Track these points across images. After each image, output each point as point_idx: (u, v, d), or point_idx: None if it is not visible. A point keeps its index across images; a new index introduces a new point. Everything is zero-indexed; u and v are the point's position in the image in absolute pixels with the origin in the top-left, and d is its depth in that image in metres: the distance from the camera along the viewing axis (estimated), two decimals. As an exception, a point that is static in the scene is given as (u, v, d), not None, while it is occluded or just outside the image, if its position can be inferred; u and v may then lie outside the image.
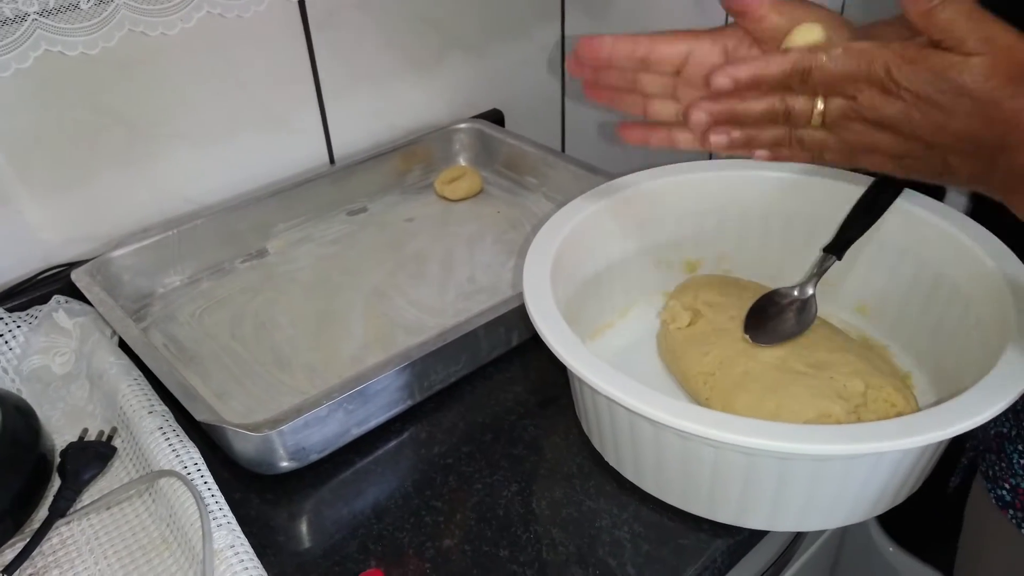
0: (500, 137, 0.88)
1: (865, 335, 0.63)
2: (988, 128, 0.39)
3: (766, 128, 0.45)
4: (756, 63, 0.43)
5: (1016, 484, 0.59)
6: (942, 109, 0.39)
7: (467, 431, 0.58)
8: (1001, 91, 0.38)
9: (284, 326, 0.68)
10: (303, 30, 0.76)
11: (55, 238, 0.69)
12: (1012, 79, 0.38)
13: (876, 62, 0.40)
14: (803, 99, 0.43)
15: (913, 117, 0.40)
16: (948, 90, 0.39)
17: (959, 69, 0.38)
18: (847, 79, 0.41)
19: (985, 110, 0.38)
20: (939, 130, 0.40)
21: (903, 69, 0.40)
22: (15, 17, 0.56)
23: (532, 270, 0.55)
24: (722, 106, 0.45)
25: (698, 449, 0.46)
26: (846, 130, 0.43)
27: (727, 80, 0.43)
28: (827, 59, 0.41)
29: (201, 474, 0.51)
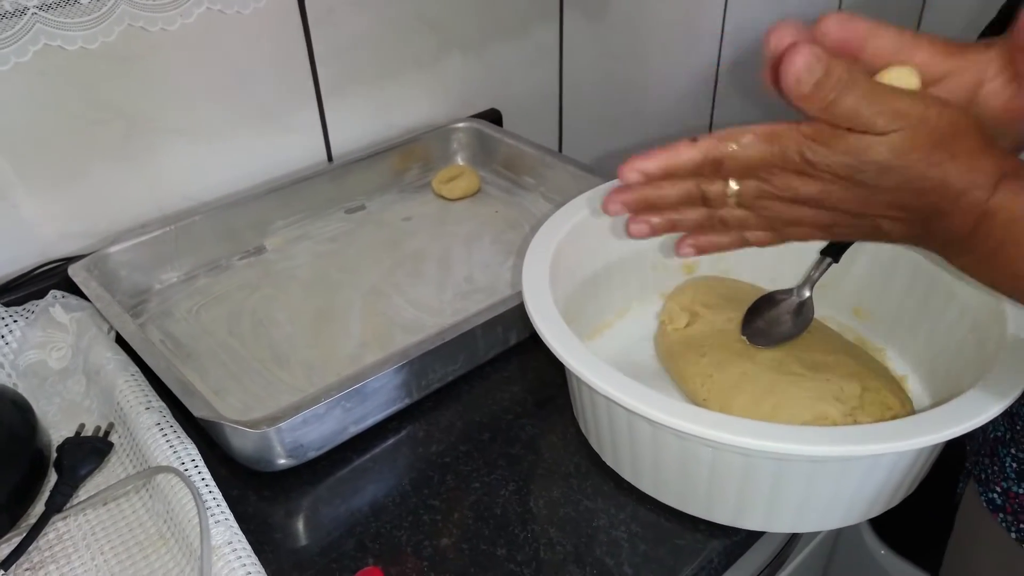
0: (498, 137, 0.88)
1: (861, 337, 0.64)
2: (918, 198, 0.38)
3: (685, 212, 0.44)
4: (665, 154, 0.42)
5: (1007, 488, 0.60)
6: (865, 186, 0.39)
7: (465, 430, 0.58)
8: (923, 162, 0.37)
9: (282, 323, 0.68)
10: (302, 27, 0.76)
11: (52, 233, 0.69)
12: (932, 147, 0.37)
13: (789, 147, 0.39)
14: (718, 183, 0.42)
15: (834, 194, 0.40)
16: (869, 169, 0.38)
17: (877, 149, 0.37)
18: (761, 165, 0.40)
19: (912, 183, 0.37)
20: (865, 203, 0.39)
21: (818, 152, 0.38)
22: (15, 11, 0.56)
23: (531, 270, 0.55)
24: (636, 195, 0.44)
25: (696, 449, 0.46)
26: (764, 208, 0.43)
27: (635, 174, 0.42)
28: (738, 147, 0.40)
29: (199, 470, 0.51)
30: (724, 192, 0.42)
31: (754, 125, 0.41)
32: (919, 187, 0.37)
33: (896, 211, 0.39)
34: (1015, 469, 0.59)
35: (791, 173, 0.40)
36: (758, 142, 0.40)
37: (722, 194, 0.42)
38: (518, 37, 0.96)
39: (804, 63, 0.36)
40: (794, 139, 0.39)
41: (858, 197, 0.39)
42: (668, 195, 0.44)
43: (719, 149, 0.41)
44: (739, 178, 0.42)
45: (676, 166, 0.42)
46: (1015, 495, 0.59)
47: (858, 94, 0.36)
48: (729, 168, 0.41)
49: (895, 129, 0.36)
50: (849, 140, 0.37)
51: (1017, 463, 0.59)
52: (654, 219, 0.45)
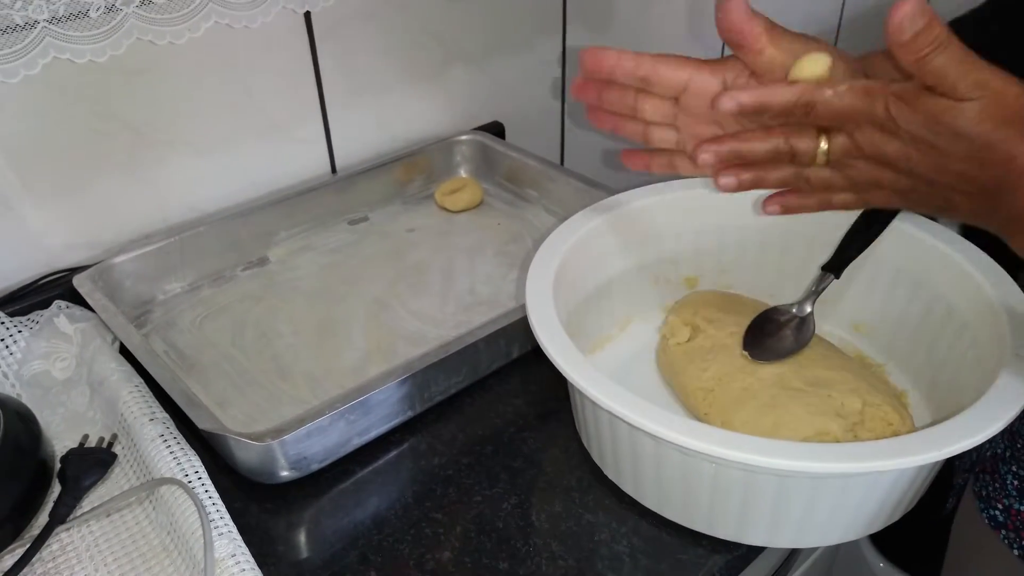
0: (501, 150, 0.88)
1: (861, 353, 0.64)
2: (984, 170, 0.39)
3: (772, 168, 0.46)
4: (762, 91, 0.43)
5: (1009, 505, 0.60)
6: (939, 151, 0.40)
7: (467, 443, 0.59)
8: (994, 134, 0.38)
9: (285, 335, 0.68)
10: (308, 41, 0.77)
11: (57, 243, 0.69)
12: (1004, 123, 0.38)
13: (877, 101, 0.41)
14: (807, 139, 0.44)
15: (912, 156, 0.41)
16: (943, 133, 0.39)
17: (952, 113, 0.39)
18: (849, 116, 0.42)
19: (980, 153, 0.39)
20: (938, 170, 0.41)
21: (901, 110, 0.40)
22: (25, 24, 0.56)
23: (535, 284, 0.55)
24: (727, 147, 0.45)
25: (698, 465, 0.46)
26: (850, 167, 0.44)
27: (732, 103, 0.43)
28: (832, 94, 0.42)
29: (202, 482, 0.51)
30: (813, 148, 0.44)
31: (848, 79, 0.43)
32: (987, 158, 0.39)
33: (965, 182, 0.41)
34: (1016, 487, 0.59)
35: (876, 129, 0.42)
36: (851, 93, 0.42)
37: (811, 150, 0.44)
38: (521, 50, 0.96)
39: (910, 11, 0.38)
40: (883, 95, 0.41)
41: (933, 162, 0.41)
42: (757, 149, 0.45)
43: (814, 93, 0.42)
44: (827, 131, 0.43)
45: (770, 103, 0.43)
46: (1017, 512, 0.59)
47: (949, 56, 0.38)
48: (819, 114, 0.43)
49: (974, 97, 0.38)
50: (928, 102, 0.39)
51: (1019, 480, 0.59)
52: (744, 174, 0.46)
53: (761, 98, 0.43)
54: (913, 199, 0.44)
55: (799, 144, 0.44)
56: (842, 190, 0.46)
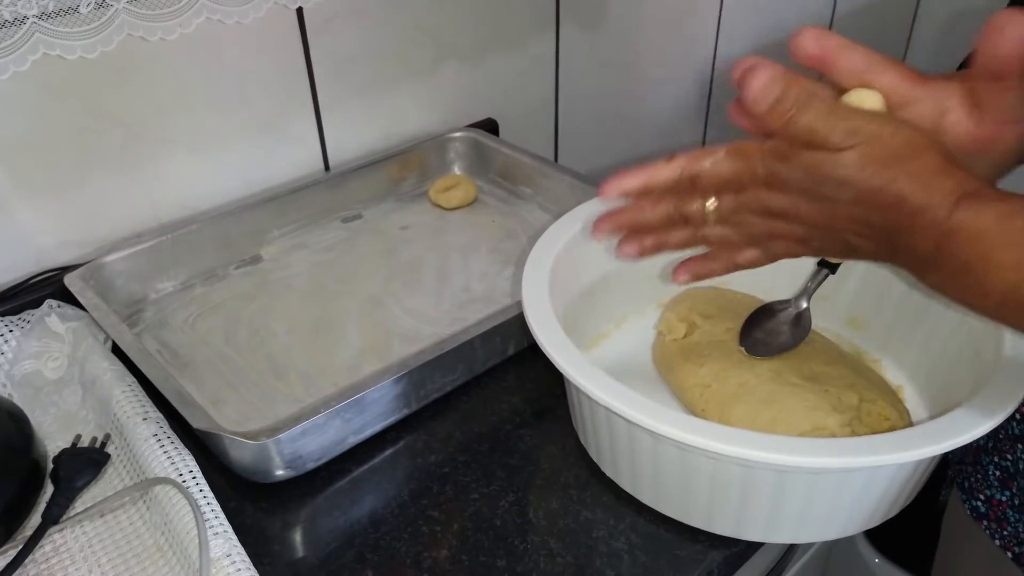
0: (495, 147, 0.88)
1: (857, 348, 0.64)
2: (877, 214, 0.39)
3: (670, 232, 0.47)
4: (644, 173, 0.45)
5: (991, 496, 0.60)
6: (827, 199, 0.40)
7: (463, 441, 0.58)
8: (877, 178, 0.38)
9: (279, 333, 0.67)
10: (301, 37, 0.76)
11: (49, 242, 0.68)
12: (886, 164, 0.38)
13: (756, 162, 0.42)
14: (695, 202, 0.45)
15: (800, 206, 0.41)
16: (826, 182, 0.39)
17: (831, 164, 0.39)
18: (733, 180, 0.43)
19: (868, 198, 0.39)
20: (830, 216, 0.41)
21: (780, 166, 0.41)
22: (14, 20, 0.55)
23: (530, 281, 0.55)
24: (621, 219, 0.47)
25: (696, 461, 0.46)
26: (743, 224, 0.45)
27: (616, 191, 0.45)
28: (711, 164, 0.43)
29: (196, 482, 0.50)
30: (702, 210, 0.45)
31: (724, 144, 0.43)
32: (876, 202, 0.39)
33: (860, 226, 0.40)
34: (998, 477, 0.60)
35: (761, 187, 0.42)
36: (728, 158, 0.43)
37: (700, 211, 0.45)
38: (515, 48, 0.96)
39: (763, 82, 0.39)
40: (759, 155, 0.42)
41: (823, 211, 0.41)
42: (650, 218, 0.46)
43: (693, 166, 0.44)
44: (715, 194, 0.44)
45: (654, 183, 0.45)
46: (998, 502, 0.60)
47: (814, 112, 0.39)
48: (705, 184, 0.44)
49: (850, 145, 0.38)
50: (806, 156, 0.40)
51: (1000, 471, 0.60)
52: (644, 241, 0.47)
53: (645, 180, 0.44)
54: (814, 246, 0.44)
55: (687, 208, 0.45)
56: (743, 246, 0.46)
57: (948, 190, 0.37)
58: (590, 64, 1.06)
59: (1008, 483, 0.59)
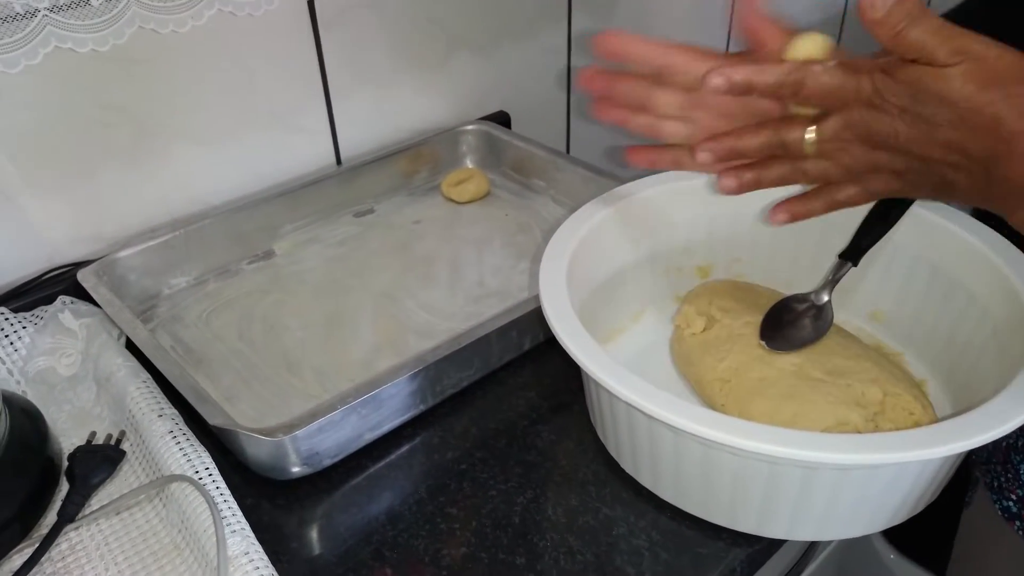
0: (507, 139, 0.87)
1: (879, 341, 0.63)
2: (973, 138, 0.39)
3: (770, 166, 0.47)
4: (751, 68, 0.44)
5: (1023, 496, 0.59)
6: (926, 120, 0.40)
7: (480, 436, 0.58)
8: (978, 97, 0.38)
9: (293, 328, 0.67)
10: (312, 29, 0.76)
11: (61, 237, 0.68)
12: (988, 85, 0.38)
13: (863, 76, 0.42)
14: (796, 129, 0.45)
15: (900, 130, 0.41)
16: (928, 101, 0.40)
17: (935, 80, 0.39)
18: (837, 93, 0.43)
19: (966, 118, 0.39)
20: (928, 142, 0.41)
21: (886, 82, 0.41)
22: (26, 13, 0.55)
23: (547, 275, 0.54)
24: (722, 144, 0.47)
25: (719, 457, 0.46)
26: (843, 153, 0.44)
27: (721, 79, 0.44)
28: (820, 70, 0.43)
29: (213, 479, 0.50)
30: (802, 139, 0.44)
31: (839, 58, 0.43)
32: (973, 123, 0.39)
33: (956, 155, 0.41)
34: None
35: (863, 107, 0.42)
36: (839, 69, 0.42)
37: (800, 141, 0.45)
38: (526, 38, 0.95)
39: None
40: (867, 69, 0.41)
41: (922, 135, 0.41)
42: (750, 143, 0.46)
43: (802, 70, 0.43)
44: (816, 107, 0.44)
45: (760, 81, 0.44)
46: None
47: (924, 27, 0.39)
48: (809, 92, 0.43)
49: (954, 63, 0.39)
50: (911, 70, 0.40)
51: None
52: (744, 174, 0.47)
53: (750, 75, 0.44)
54: (911, 180, 0.44)
55: (788, 135, 0.45)
56: (841, 182, 0.46)
57: None
58: (602, 55, 1.05)
59: None
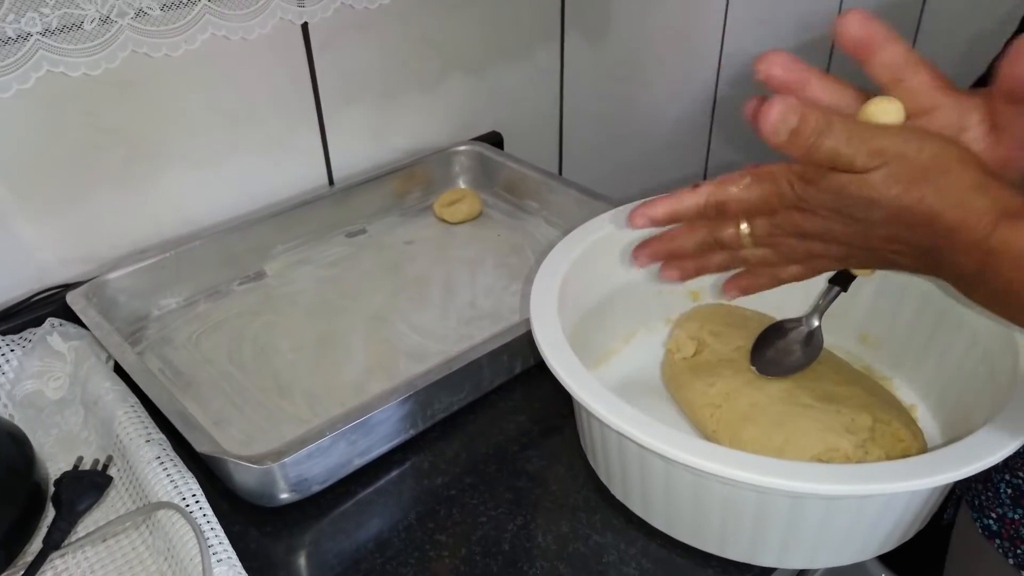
0: (500, 160, 0.87)
1: (868, 366, 0.63)
2: (913, 232, 0.38)
3: (710, 256, 0.47)
4: (669, 201, 0.44)
5: (1003, 514, 0.60)
6: (859, 221, 0.40)
7: (470, 461, 0.58)
8: (907, 197, 0.37)
9: (283, 350, 0.67)
10: (305, 52, 0.76)
11: (51, 258, 0.68)
12: (914, 183, 0.37)
13: (783, 186, 0.41)
14: (728, 227, 0.44)
15: (834, 228, 0.41)
16: (856, 205, 0.39)
17: (858, 186, 0.38)
18: (762, 204, 0.42)
19: (901, 216, 0.38)
20: (865, 237, 0.40)
21: (808, 191, 0.40)
22: (18, 37, 0.55)
23: (538, 301, 0.54)
24: (658, 247, 0.47)
25: (709, 486, 0.46)
26: (780, 245, 0.44)
27: (643, 219, 0.45)
28: (737, 189, 0.42)
29: (200, 506, 0.50)
30: (737, 235, 0.44)
31: (750, 167, 0.43)
32: (908, 221, 0.38)
33: (898, 244, 0.40)
34: (1010, 495, 0.59)
35: (792, 210, 0.42)
36: (754, 184, 0.42)
37: (735, 236, 0.44)
38: (519, 59, 0.95)
39: (778, 115, 0.38)
40: (786, 178, 0.41)
41: (858, 231, 0.40)
42: (686, 245, 0.46)
43: (719, 193, 0.43)
44: (746, 220, 0.44)
45: (680, 211, 0.44)
46: (1011, 521, 0.59)
47: (836, 136, 0.38)
48: (733, 210, 0.43)
49: (875, 166, 0.38)
50: (832, 179, 0.39)
51: (1012, 489, 0.59)
52: (685, 263, 0.48)
53: (670, 207, 0.44)
54: (855, 262, 0.44)
55: (722, 234, 0.45)
56: (785, 263, 0.46)
57: (984, 208, 0.36)
58: (595, 75, 1.06)
59: (1020, 501, 0.58)
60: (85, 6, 0.55)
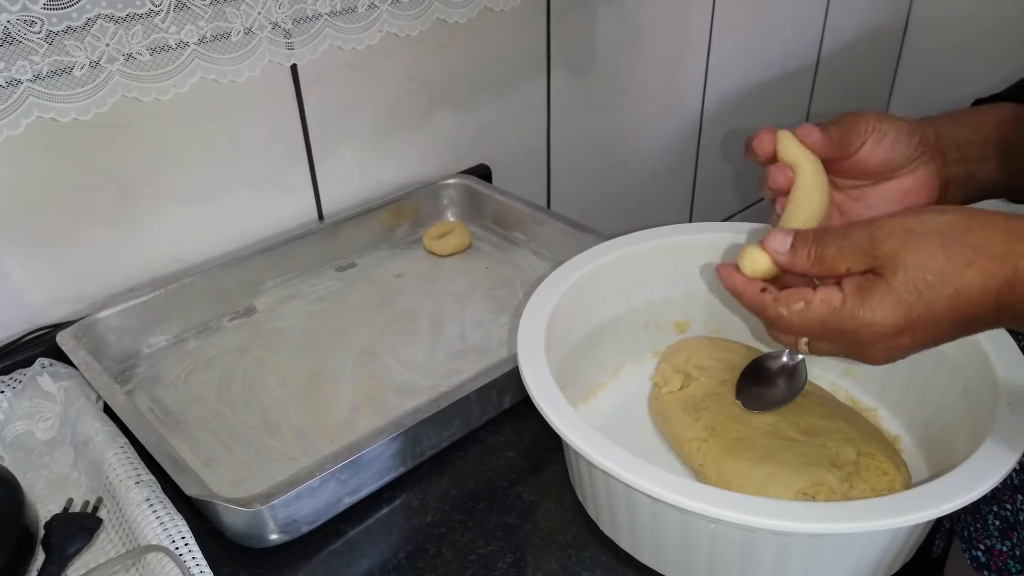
0: (488, 193, 0.88)
1: (852, 397, 0.64)
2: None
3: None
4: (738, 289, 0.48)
5: (991, 546, 0.60)
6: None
7: (459, 498, 0.58)
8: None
9: (273, 388, 0.67)
10: (294, 91, 0.77)
11: (41, 298, 0.68)
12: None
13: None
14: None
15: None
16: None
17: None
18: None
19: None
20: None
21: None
22: (8, 83, 0.56)
23: (526, 339, 0.55)
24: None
25: (696, 523, 0.46)
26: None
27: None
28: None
29: (189, 549, 0.50)
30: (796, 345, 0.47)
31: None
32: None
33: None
34: (998, 527, 0.59)
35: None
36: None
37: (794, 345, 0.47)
38: (507, 94, 0.97)
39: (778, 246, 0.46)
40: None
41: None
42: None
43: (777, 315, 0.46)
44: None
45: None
46: (999, 552, 0.59)
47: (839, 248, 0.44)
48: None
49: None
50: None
51: (1000, 521, 0.59)
52: None
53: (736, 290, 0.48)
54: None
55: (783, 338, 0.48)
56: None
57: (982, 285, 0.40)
58: (581, 109, 1.07)
59: (1008, 533, 0.59)
60: (75, 52, 0.56)
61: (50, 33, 0.56)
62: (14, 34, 0.54)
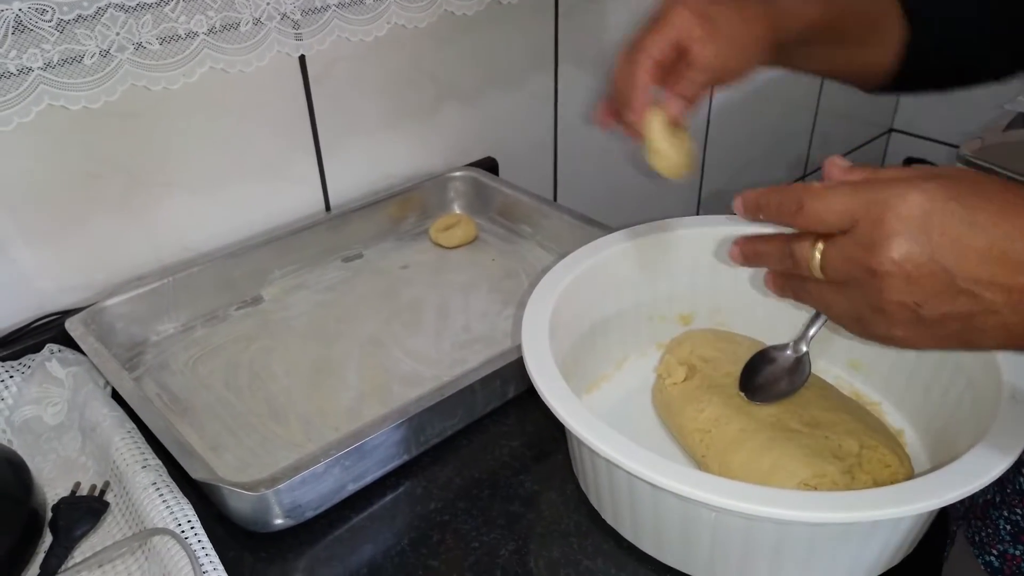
0: (495, 185, 0.89)
1: (857, 391, 0.64)
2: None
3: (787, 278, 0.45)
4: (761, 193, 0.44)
5: (1004, 550, 0.60)
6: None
7: (463, 486, 0.58)
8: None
9: (279, 376, 0.67)
10: (303, 82, 0.77)
11: (50, 286, 0.69)
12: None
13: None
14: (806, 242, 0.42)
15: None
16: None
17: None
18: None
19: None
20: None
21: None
22: (19, 71, 0.56)
23: (530, 329, 0.55)
24: (750, 247, 0.45)
25: (697, 512, 0.46)
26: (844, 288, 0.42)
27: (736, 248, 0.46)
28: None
29: (195, 532, 0.50)
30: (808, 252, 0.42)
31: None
32: None
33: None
34: (1009, 531, 0.59)
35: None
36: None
37: (807, 253, 0.42)
38: (514, 87, 0.97)
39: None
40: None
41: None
42: (770, 251, 0.44)
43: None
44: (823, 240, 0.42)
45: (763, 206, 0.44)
46: (1012, 557, 0.59)
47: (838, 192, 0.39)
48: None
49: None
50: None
51: (1011, 525, 0.59)
52: (774, 278, 0.46)
53: (758, 201, 0.44)
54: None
55: (797, 247, 0.42)
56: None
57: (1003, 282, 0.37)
58: (589, 102, 1.07)
59: (1020, 537, 0.59)
60: (85, 41, 0.57)
61: (61, 22, 0.56)
62: (25, 22, 0.55)
